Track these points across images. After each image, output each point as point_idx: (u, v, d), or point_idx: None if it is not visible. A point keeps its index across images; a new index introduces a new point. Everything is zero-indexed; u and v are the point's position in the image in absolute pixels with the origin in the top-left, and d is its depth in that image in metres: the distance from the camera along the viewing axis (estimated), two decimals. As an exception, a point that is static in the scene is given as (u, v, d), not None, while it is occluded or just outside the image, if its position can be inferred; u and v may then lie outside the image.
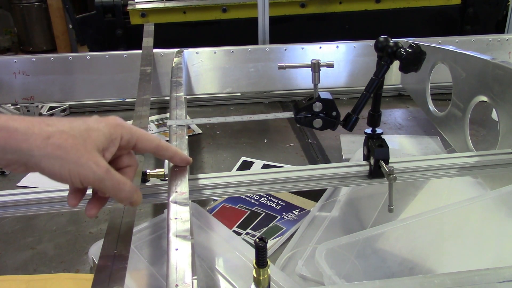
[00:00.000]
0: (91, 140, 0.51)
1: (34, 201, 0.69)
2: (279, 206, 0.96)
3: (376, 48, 0.73)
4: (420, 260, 0.70)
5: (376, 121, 0.76)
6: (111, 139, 0.53)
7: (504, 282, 0.46)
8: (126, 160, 0.57)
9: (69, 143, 0.49)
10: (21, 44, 4.46)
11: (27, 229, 0.92)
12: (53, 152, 0.48)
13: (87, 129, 0.51)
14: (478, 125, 1.29)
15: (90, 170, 0.50)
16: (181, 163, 0.65)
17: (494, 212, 0.72)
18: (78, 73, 1.34)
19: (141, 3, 2.23)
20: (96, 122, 0.53)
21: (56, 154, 0.48)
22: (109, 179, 0.51)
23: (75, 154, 0.49)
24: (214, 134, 1.33)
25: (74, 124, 0.51)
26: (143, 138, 0.57)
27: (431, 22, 2.37)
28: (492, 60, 0.89)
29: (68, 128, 0.50)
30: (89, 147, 0.50)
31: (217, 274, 0.73)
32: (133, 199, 0.54)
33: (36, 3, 4.25)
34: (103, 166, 0.51)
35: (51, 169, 0.49)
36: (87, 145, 0.50)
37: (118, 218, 0.60)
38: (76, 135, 0.50)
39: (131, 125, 0.57)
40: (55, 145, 0.48)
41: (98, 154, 0.51)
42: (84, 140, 0.50)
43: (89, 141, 0.50)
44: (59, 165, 0.49)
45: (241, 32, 1.84)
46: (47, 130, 0.49)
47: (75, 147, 0.49)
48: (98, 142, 0.51)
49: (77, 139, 0.50)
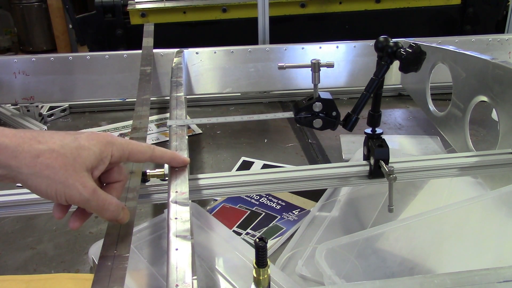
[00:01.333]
0: (81, 159, 0.51)
1: (34, 201, 0.69)
2: (279, 206, 0.96)
3: (376, 48, 0.73)
4: (420, 260, 0.70)
5: (376, 121, 0.76)
6: (101, 157, 0.54)
7: (504, 282, 0.46)
8: (115, 175, 0.58)
9: (58, 162, 0.50)
10: (21, 44, 4.46)
11: (27, 229, 0.92)
12: (41, 172, 0.49)
13: (77, 147, 0.52)
14: (478, 125, 1.29)
15: (76, 191, 0.50)
16: (179, 165, 0.66)
17: (494, 212, 0.72)
18: (78, 73, 1.34)
19: (141, 3, 2.23)
20: (87, 140, 0.53)
21: (44, 173, 0.49)
22: (95, 199, 0.52)
23: (63, 174, 0.50)
24: (214, 134, 1.33)
25: (65, 141, 0.51)
26: (136, 152, 0.58)
27: (431, 22, 2.37)
28: (492, 60, 0.89)
29: (59, 146, 0.51)
30: (78, 167, 0.51)
31: (217, 274, 0.73)
32: (119, 217, 0.55)
33: (36, 3, 4.24)
34: (90, 187, 0.51)
35: (37, 187, 0.50)
36: (76, 164, 0.51)
37: (118, 218, 0.59)
38: (66, 153, 0.50)
39: (123, 140, 0.58)
40: (44, 165, 0.49)
41: (86, 174, 0.51)
42: (74, 159, 0.51)
43: (78, 160, 0.51)
44: (46, 184, 0.50)
45: (241, 32, 1.84)
46: (37, 148, 0.49)
47: (64, 167, 0.50)
48: (87, 161, 0.52)
49: (67, 159, 0.50)
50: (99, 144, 0.53)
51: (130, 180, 0.68)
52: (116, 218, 0.55)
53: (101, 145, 0.54)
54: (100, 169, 0.54)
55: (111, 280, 0.48)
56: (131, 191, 0.65)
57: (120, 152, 0.56)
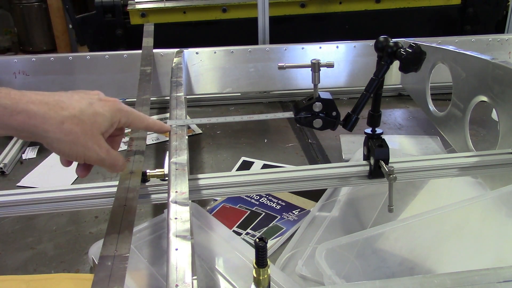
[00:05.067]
0: (97, 124, 0.59)
1: (34, 201, 0.69)
2: (279, 206, 0.96)
3: (376, 48, 0.73)
4: (420, 260, 0.70)
5: (376, 121, 0.76)
6: (111, 122, 0.62)
7: (504, 282, 0.46)
8: (116, 131, 0.66)
9: (79, 128, 0.57)
10: (21, 44, 4.45)
11: (27, 229, 0.92)
12: (65, 137, 0.57)
13: (94, 113, 0.59)
14: (478, 125, 1.29)
15: (94, 153, 0.59)
16: (164, 132, 0.75)
17: (494, 212, 0.72)
18: (78, 73, 1.34)
19: (141, 3, 2.23)
20: (101, 106, 0.61)
21: (68, 138, 0.57)
22: (108, 158, 0.61)
23: (84, 139, 0.58)
24: (214, 134, 1.33)
25: (82, 106, 0.59)
26: (137, 119, 0.67)
27: (431, 22, 2.37)
28: (492, 60, 0.89)
29: (79, 112, 0.58)
30: (95, 132, 0.59)
31: (217, 274, 0.73)
32: (123, 169, 0.66)
33: (36, 3, 4.24)
34: (105, 148, 0.60)
35: (61, 149, 0.58)
36: (93, 129, 0.59)
37: (118, 218, 0.60)
38: (85, 120, 0.58)
39: (129, 108, 0.66)
40: (67, 130, 0.57)
41: (101, 137, 0.60)
42: (91, 125, 0.59)
43: (95, 125, 0.59)
44: (69, 148, 0.58)
45: (241, 32, 1.83)
46: (61, 115, 0.57)
47: (83, 132, 0.58)
48: (102, 126, 0.60)
49: (86, 125, 0.58)
50: (111, 111, 0.62)
51: (130, 180, 0.68)
52: (121, 170, 0.65)
53: (112, 111, 0.62)
54: (109, 132, 0.63)
55: (111, 280, 0.48)
56: (131, 191, 0.65)
57: (125, 119, 0.64)
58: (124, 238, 0.55)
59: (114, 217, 0.60)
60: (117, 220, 0.59)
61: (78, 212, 0.95)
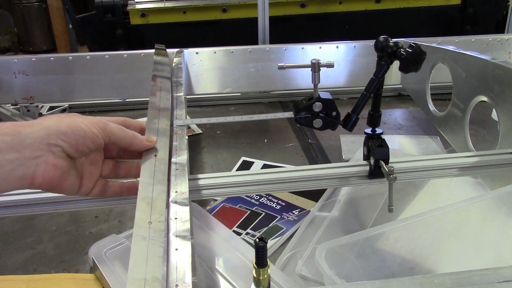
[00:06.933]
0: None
1: (34, 201, 0.69)
2: (279, 206, 0.96)
3: (376, 48, 0.73)
4: (420, 260, 0.70)
5: (376, 121, 0.76)
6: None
7: (504, 282, 0.46)
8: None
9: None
10: (21, 44, 4.46)
11: (27, 229, 0.92)
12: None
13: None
14: (478, 125, 1.29)
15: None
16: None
17: (494, 212, 0.72)
18: (78, 73, 1.34)
19: (141, 3, 2.23)
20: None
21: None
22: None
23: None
24: (214, 134, 1.33)
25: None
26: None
27: (431, 22, 2.37)
28: (492, 60, 0.89)
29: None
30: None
31: (217, 274, 0.73)
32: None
33: (36, 3, 4.24)
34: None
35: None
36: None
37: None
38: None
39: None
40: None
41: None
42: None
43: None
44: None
45: (241, 32, 1.84)
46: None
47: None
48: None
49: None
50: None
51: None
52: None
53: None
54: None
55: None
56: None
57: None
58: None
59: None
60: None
61: (78, 212, 0.95)
